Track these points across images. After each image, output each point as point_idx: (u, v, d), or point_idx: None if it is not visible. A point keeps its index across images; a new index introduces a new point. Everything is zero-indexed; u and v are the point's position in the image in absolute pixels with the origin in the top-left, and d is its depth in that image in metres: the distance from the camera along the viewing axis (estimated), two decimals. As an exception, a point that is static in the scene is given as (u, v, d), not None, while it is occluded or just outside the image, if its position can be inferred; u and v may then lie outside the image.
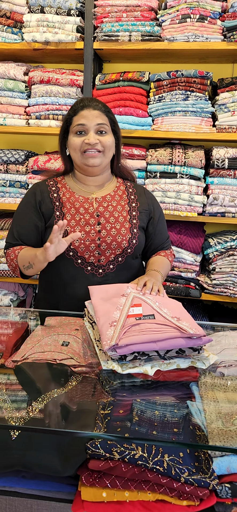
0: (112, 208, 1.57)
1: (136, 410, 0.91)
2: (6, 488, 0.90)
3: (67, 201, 1.56)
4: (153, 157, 2.25)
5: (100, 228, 1.52)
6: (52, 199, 1.57)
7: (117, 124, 1.61)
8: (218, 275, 2.28)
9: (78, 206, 1.55)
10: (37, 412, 0.89)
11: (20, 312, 1.76)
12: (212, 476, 0.81)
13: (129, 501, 0.83)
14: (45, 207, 1.56)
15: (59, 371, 1.06)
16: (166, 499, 0.82)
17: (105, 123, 1.54)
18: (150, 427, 0.85)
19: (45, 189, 1.59)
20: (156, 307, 1.11)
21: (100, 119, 1.53)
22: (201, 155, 2.21)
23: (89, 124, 1.52)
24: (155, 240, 1.66)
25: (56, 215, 1.54)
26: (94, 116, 1.52)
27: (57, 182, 1.62)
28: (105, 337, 1.02)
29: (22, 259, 1.52)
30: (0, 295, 2.54)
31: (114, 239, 1.52)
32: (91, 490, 0.84)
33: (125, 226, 1.55)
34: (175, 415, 0.91)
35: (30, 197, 1.59)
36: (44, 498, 0.89)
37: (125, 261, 1.54)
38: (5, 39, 2.34)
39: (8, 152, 2.44)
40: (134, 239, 1.55)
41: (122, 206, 1.59)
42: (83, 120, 1.52)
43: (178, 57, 2.36)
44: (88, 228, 1.52)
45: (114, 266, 1.53)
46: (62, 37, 2.25)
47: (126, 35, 2.20)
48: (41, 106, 2.34)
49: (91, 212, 1.54)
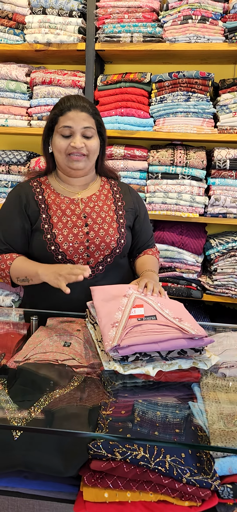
0: (99, 208, 1.56)
1: (138, 410, 0.92)
2: (8, 488, 0.91)
3: (52, 203, 1.53)
4: (154, 158, 2.25)
5: (88, 229, 1.51)
6: (38, 201, 1.54)
7: (103, 126, 1.60)
8: (220, 276, 2.28)
9: (64, 208, 1.53)
10: (39, 412, 0.89)
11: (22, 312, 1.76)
12: (214, 477, 0.81)
13: (131, 502, 0.83)
14: (31, 210, 1.53)
15: (61, 372, 1.06)
16: (168, 500, 0.82)
17: (92, 126, 1.52)
18: (152, 427, 0.85)
19: (30, 191, 1.56)
20: (158, 308, 1.11)
21: (87, 122, 1.50)
22: (202, 156, 2.21)
23: (75, 127, 1.49)
24: (141, 238, 1.66)
25: (43, 218, 1.51)
26: (81, 118, 1.49)
27: (41, 183, 1.59)
28: (107, 337, 1.02)
29: (16, 271, 1.49)
30: (2, 296, 2.54)
31: (103, 240, 1.51)
32: (93, 491, 0.84)
33: (113, 226, 1.54)
34: (176, 416, 0.91)
35: (15, 200, 1.56)
36: (46, 498, 0.89)
37: (113, 261, 1.54)
38: (7, 40, 2.34)
39: (10, 153, 2.45)
40: (122, 238, 1.54)
41: (108, 206, 1.58)
42: (70, 122, 1.49)
43: (180, 58, 2.36)
44: (76, 230, 1.50)
45: (103, 267, 1.52)
46: (64, 38, 2.25)
47: (127, 36, 2.20)
48: (43, 107, 2.35)
49: (78, 214, 1.53)
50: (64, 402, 0.93)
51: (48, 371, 1.08)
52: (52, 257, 1.49)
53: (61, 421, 0.90)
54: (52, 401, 0.93)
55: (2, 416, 0.88)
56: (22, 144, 2.70)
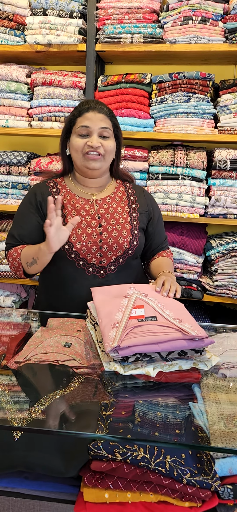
0: (113, 209, 1.58)
1: (138, 411, 0.92)
2: (8, 489, 0.91)
3: (68, 203, 1.56)
4: (155, 159, 2.25)
5: (102, 230, 1.53)
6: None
7: (120, 129, 1.63)
8: (220, 276, 2.28)
9: (79, 208, 1.55)
10: (40, 413, 0.89)
11: (23, 313, 1.76)
12: (214, 478, 0.81)
13: (131, 502, 0.83)
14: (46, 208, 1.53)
15: (62, 373, 1.06)
16: (168, 500, 0.82)
17: (109, 128, 1.55)
18: (152, 428, 0.85)
19: (46, 191, 1.59)
20: (159, 309, 1.11)
21: (104, 122, 1.54)
22: (203, 157, 2.21)
23: (93, 127, 1.52)
24: (155, 240, 1.67)
25: None
26: (99, 119, 1.53)
27: (57, 184, 1.63)
28: (107, 338, 1.02)
29: (25, 256, 1.52)
30: (3, 297, 2.54)
31: (116, 240, 1.53)
32: (93, 491, 0.84)
33: (126, 227, 1.56)
34: (177, 417, 0.91)
35: (31, 198, 1.60)
36: (47, 499, 0.89)
37: (125, 262, 1.55)
38: (7, 41, 2.35)
39: (11, 154, 2.45)
40: (135, 240, 1.56)
41: (122, 208, 1.60)
42: (87, 122, 1.52)
43: (180, 59, 2.37)
44: (90, 230, 1.52)
45: (115, 267, 1.54)
46: (64, 39, 2.25)
47: (128, 37, 2.20)
48: (44, 108, 2.35)
49: (92, 214, 1.55)
50: (65, 403, 0.94)
51: (48, 371, 1.08)
52: (65, 255, 1.51)
53: (61, 422, 0.90)
54: (52, 402, 0.93)
55: (2, 417, 0.88)
56: (22, 145, 2.70)
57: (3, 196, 2.48)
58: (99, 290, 1.29)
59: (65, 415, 0.91)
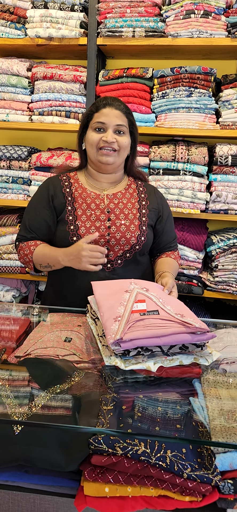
0: (123, 205, 1.60)
1: (139, 406, 0.92)
2: (8, 483, 0.90)
3: (79, 196, 1.59)
4: (156, 154, 2.24)
5: (110, 224, 1.56)
6: (65, 193, 1.61)
7: (136, 126, 1.65)
8: (221, 272, 2.27)
9: (90, 201, 1.58)
10: (40, 407, 0.89)
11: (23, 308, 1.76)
12: (214, 472, 0.81)
13: (132, 497, 0.83)
14: (57, 201, 1.60)
15: (62, 367, 1.06)
16: (168, 495, 0.82)
17: (124, 125, 1.58)
18: (153, 423, 0.85)
19: (58, 184, 1.63)
20: (160, 304, 1.11)
21: (120, 119, 1.57)
22: (204, 152, 2.21)
23: (108, 123, 1.55)
24: (162, 239, 1.69)
25: (68, 210, 1.58)
26: (115, 116, 1.56)
27: (70, 178, 1.66)
28: (109, 331, 1.02)
29: (39, 257, 1.57)
30: (3, 292, 2.54)
31: (123, 235, 1.56)
32: (93, 485, 0.84)
33: (135, 223, 1.58)
34: (177, 412, 0.91)
35: (43, 191, 1.64)
36: (47, 493, 0.89)
37: (133, 257, 1.58)
38: (8, 34, 2.33)
39: (11, 148, 2.44)
40: (142, 236, 1.58)
41: (132, 204, 1.62)
42: (104, 118, 1.56)
43: (182, 53, 2.35)
44: (98, 224, 1.55)
45: (122, 261, 1.57)
46: (65, 32, 2.24)
47: (129, 31, 2.19)
48: (44, 102, 2.34)
49: (102, 208, 1.58)
50: (65, 397, 0.93)
51: (49, 366, 1.08)
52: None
53: (62, 416, 0.90)
54: (53, 396, 0.92)
55: (3, 411, 0.88)
56: (23, 139, 2.69)
57: (4, 190, 2.47)
58: (99, 285, 1.28)
59: (65, 409, 0.91)
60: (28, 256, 1.59)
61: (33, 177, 2.39)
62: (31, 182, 2.42)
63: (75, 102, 2.31)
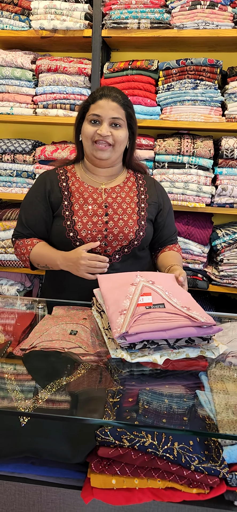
0: (121, 199, 1.56)
1: (146, 398, 0.91)
2: (15, 474, 0.91)
3: (75, 191, 1.56)
4: (161, 147, 2.23)
5: (108, 219, 1.52)
6: (61, 188, 1.57)
7: (134, 119, 1.60)
8: (226, 266, 2.26)
9: (87, 196, 1.55)
10: (46, 399, 0.89)
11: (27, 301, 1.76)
12: (222, 465, 0.81)
13: (139, 488, 0.83)
14: (54, 196, 1.56)
15: (68, 359, 1.06)
16: (176, 487, 0.82)
17: (121, 117, 1.53)
18: (159, 415, 0.85)
19: (55, 178, 1.59)
20: (166, 297, 1.11)
21: (116, 112, 1.52)
22: (210, 145, 2.19)
23: (104, 116, 1.51)
24: (164, 232, 1.65)
25: (64, 205, 1.54)
26: (110, 108, 1.51)
27: (66, 171, 1.62)
28: (115, 325, 1.01)
29: (36, 257, 1.55)
30: (7, 286, 2.54)
31: (121, 230, 1.52)
32: (100, 477, 0.84)
33: (133, 217, 1.54)
34: (184, 404, 0.91)
35: (40, 186, 1.60)
36: (53, 484, 0.89)
37: (131, 252, 1.55)
38: (12, 26, 2.32)
39: (15, 142, 2.43)
40: (141, 231, 1.54)
41: (131, 198, 1.58)
42: (99, 110, 1.51)
43: (187, 45, 2.33)
44: (96, 219, 1.52)
45: (120, 256, 1.54)
46: (70, 24, 2.22)
47: (135, 22, 2.17)
48: (49, 95, 2.32)
49: (100, 203, 1.54)
50: (71, 389, 0.93)
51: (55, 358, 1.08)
52: (70, 243, 1.51)
53: (68, 407, 0.89)
54: (59, 388, 0.92)
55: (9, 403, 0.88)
56: (27, 133, 2.68)
57: (8, 184, 2.47)
58: (105, 278, 1.28)
59: (72, 401, 0.91)
60: (24, 255, 1.57)
61: (37, 170, 2.39)
62: (36, 175, 2.42)
63: (79, 95, 2.29)
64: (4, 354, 1.10)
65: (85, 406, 0.91)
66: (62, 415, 0.87)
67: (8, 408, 0.87)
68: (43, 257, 1.54)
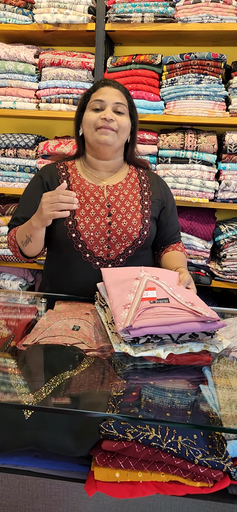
0: (124, 197, 1.52)
1: (149, 392, 0.91)
2: (19, 467, 0.91)
3: (76, 189, 1.51)
4: (164, 142, 2.22)
5: (111, 220, 1.48)
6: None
7: (136, 110, 1.58)
8: (229, 262, 2.26)
9: (88, 195, 1.50)
10: (50, 392, 0.89)
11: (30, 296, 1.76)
12: (226, 459, 0.81)
13: (143, 482, 0.83)
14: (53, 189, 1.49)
15: (71, 354, 1.06)
16: (179, 480, 0.82)
17: (124, 104, 1.52)
18: (163, 409, 0.85)
19: (55, 173, 1.55)
20: (170, 292, 1.10)
21: (119, 98, 1.50)
22: (213, 140, 2.18)
23: (107, 101, 1.49)
24: (167, 231, 1.61)
25: None
26: (114, 94, 1.50)
27: (67, 167, 1.58)
28: (119, 318, 1.01)
29: (19, 235, 1.48)
30: (9, 281, 2.55)
31: (125, 230, 1.48)
32: (104, 471, 0.84)
33: (137, 216, 1.50)
34: (188, 398, 0.91)
35: (38, 181, 1.56)
36: (57, 477, 0.89)
37: (134, 254, 1.50)
38: (15, 20, 2.31)
39: (18, 136, 2.43)
40: (145, 230, 1.50)
41: (134, 195, 1.54)
42: (102, 96, 1.49)
43: (191, 39, 2.31)
44: (98, 220, 1.47)
45: (124, 260, 1.49)
46: (73, 18, 2.21)
47: (138, 16, 2.15)
48: (52, 89, 2.32)
49: (102, 202, 1.49)
50: (75, 383, 0.93)
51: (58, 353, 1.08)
52: (72, 245, 1.46)
53: (72, 401, 0.90)
54: (62, 382, 0.92)
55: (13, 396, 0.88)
56: (30, 128, 2.67)
57: (10, 179, 2.47)
58: (109, 272, 1.27)
59: (75, 395, 0.91)
60: (12, 238, 1.50)
61: (40, 165, 2.38)
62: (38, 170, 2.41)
63: (83, 89, 2.28)
64: (7, 348, 1.11)
65: (89, 399, 0.91)
66: (66, 408, 0.87)
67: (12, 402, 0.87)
68: (22, 230, 1.46)
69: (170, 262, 1.52)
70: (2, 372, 0.99)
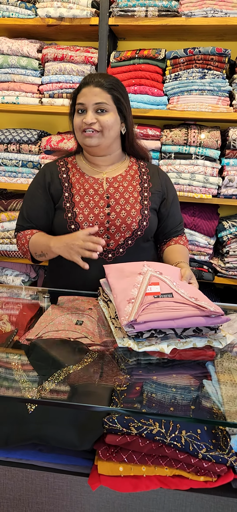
0: (123, 188, 1.53)
1: (153, 387, 0.91)
2: (23, 461, 0.91)
3: (76, 182, 1.54)
4: (168, 138, 2.21)
5: (110, 210, 1.49)
6: (61, 179, 1.55)
7: (123, 102, 1.53)
8: (232, 258, 2.25)
9: (88, 187, 1.52)
10: (54, 386, 0.89)
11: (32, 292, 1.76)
12: (230, 453, 0.81)
13: (146, 476, 0.83)
14: (54, 188, 1.55)
15: (75, 348, 1.06)
16: (183, 475, 0.82)
17: (105, 102, 1.48)
18: (167, 403, 0.85)
19: (55, 170, 1.58)
20: (174, 287, 1.10)
21: (99, 97, 1.48)
22: (217, 136, 2.17)
23: (87, 103, 1.48)
24: (168, 222, 1.61)
25: (65, 196, 1.52)
26: (93, 94, 1.48)
27: (67, 163, 1.60)
28: (123, 313, 1.01)
29: (34, 245, 1.52)
30: (12, 276, 2.55)
31: (123, 221, 1.49)
32: (107, 464, 0.84)
33: (136, 207, 1.51)
34: (192, 393, 0.91)
35: (40, 179, 1.59)
36: (60, 471, 0.90)
37: (135, 244, 1.51)
38: (18, 14, 2.29)
39: (21, 132, 2.42)
40: (144, 221, 1.51)
41: (134, 187, 1.54)
42: (83, 98, 1.49)
43: (195, 34, 2.30)
44: (97, 211, 1.49)
45: (124, 250, 1.50)
46: (76, 12, 2.20)
47: (142, 10, 2.14)
48: (55, 84, 2.31)
49: (101, 194, 1.51)
50: (79, 377, 0.93)
51: (61, 347, 1.08)
52: None
53: (76, 395, 0.90)
54: (66, 376, 0.92)
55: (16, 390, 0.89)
56: (33, 123, 2.67)
57: (13, 174, 2.46)
58: (112, 267, 1.27)
59: (79, 389, 0.91)
60: (24, 245, 1.54)
61: (43, 161, 2.38)
62: (41, 166, 2.41)
63: (85, 84, 2.27)
64: (10, 343, 1.11)
65: (93, 393, 0.91)
66: (69, 402, 0.87)
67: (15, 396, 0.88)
68: (38, 244, 1.49)
69: (172, 256, 1.53)
70: (6, 366, 0.99)
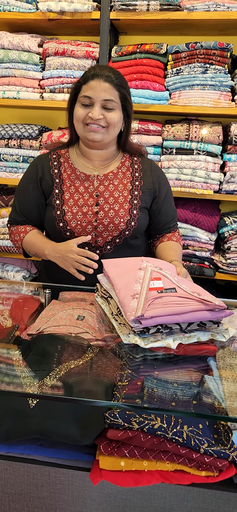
0: (113, 187, 1.51)
1: (155, 382, 0.91)
2: (24, 456, 0.91)
3: (67, 178, 1.52)
4: (169, 133, 2.20)
5: (98, 209, 1.48)
6: (52, 175, 1.53)
7: (129, 100, 1.51)
8: (233, 254, 2.24)
9: (78, 184, 1.51)
10: (55, 381, 0.89)
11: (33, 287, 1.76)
12: (231, 448, 0.80)
13: (148, 471, 0.83)
14: (45, 184, 1.54)
15: (76, 344, 1.06)
16: (185, 469, 0.82)
17: (113, 99, 1.45)
18: (169, 398, 0.84)
19: (47, 165, 1.55)
20: (176, 282, 1.10)
21: (108, 94, 1.44)
22: (219, 131, 2.16)
23: (95, 98, 1.43)
24: (160, 219, 1.59)
25: (55, 193, 1.51)
26: (102, 89, 1.43)
27: (60, 156, 1.57)
28: (128, 308, 1.00)
29: (27, 245, 1.55)
30: (13, 272, 2.55)
31: (111, 221, 1.47)
32: (109, 459, 0.84)
33: (124, 207, 1.49)
34: (194, 388, 0.90)
35: (32, 173, 1.58)
36: (62, 466, 0.90)
37: (123, 242, 1.50)
38: (19, 8, 2.28)
39: (22, 127, 2.41)
40: (132, 221, 1.49)
41: (124, 185, 1.52)
42: (90, 92, 1.44)
43: (197, 28, 2.28)
44: (86, 209, 1.48)
45: (111, 247, 1.50)
46: (78, 6, 2.18)
47: (144, 4, 2.12)
48: (56, 79, 2.30)
49: (91, 192, 1.50)
50: (80, 372, 0.93)
51: (63, 342, 1.08)
52: (60, 234, 1.50)
53: (77, 390, 0.90)
54: (68, 371, 0.92)
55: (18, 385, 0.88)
56: (34, 118, 2.66)
57: (14, 170, 2.45)
58: (111, 263, 1.26)
59: (80, 384, 0.91)
60: (18, 242, 1.57)
61: (44, 156, 2.37)
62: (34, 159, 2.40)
63: (87, 79, 2.26)
64: (11, 338, 1.11)
65: (94, 388, 0.91)
66: (71, 397, 0.87)
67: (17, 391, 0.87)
68: (33, 245, 1.53)
69: (165, 254, 1.51)
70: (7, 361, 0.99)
